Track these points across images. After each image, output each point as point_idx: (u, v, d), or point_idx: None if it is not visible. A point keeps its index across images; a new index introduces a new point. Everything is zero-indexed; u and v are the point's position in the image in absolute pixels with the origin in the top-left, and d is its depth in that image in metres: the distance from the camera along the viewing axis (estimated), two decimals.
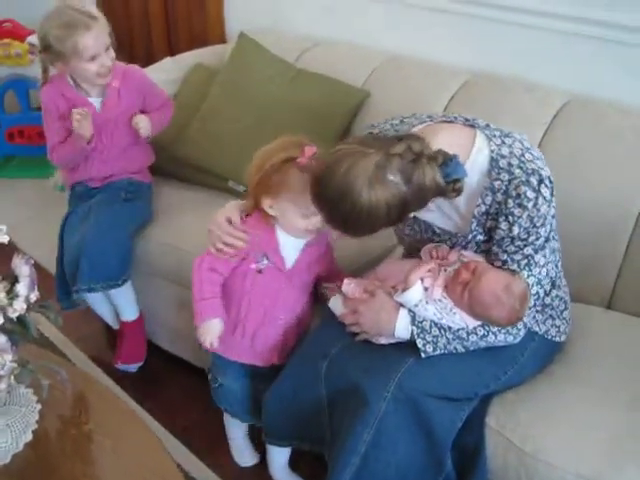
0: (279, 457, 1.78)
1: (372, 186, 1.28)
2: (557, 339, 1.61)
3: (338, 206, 1.32)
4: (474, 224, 1.46)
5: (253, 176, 1.55)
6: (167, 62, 2.59)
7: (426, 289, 1.48)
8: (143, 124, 2.09)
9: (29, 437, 1.47)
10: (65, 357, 2.32)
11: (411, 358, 1.48)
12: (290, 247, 1.63)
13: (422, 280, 1.49)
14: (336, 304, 1.62)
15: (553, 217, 1.44)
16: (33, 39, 3.21)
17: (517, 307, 1.41)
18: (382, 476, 1.45)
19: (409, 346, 1.49)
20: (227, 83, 2.33)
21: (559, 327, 1.61)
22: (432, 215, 1.53)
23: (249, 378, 1.74)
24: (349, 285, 1.61)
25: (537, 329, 1.58)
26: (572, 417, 1.46)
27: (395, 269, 1.61)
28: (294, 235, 1.61)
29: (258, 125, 2.20)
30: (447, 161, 1.33)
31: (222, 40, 2.97)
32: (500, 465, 1.46)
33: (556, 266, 1.59)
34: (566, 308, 1.64)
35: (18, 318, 1.38)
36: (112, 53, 2.04)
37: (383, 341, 1.54)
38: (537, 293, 1.48)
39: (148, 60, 2.90)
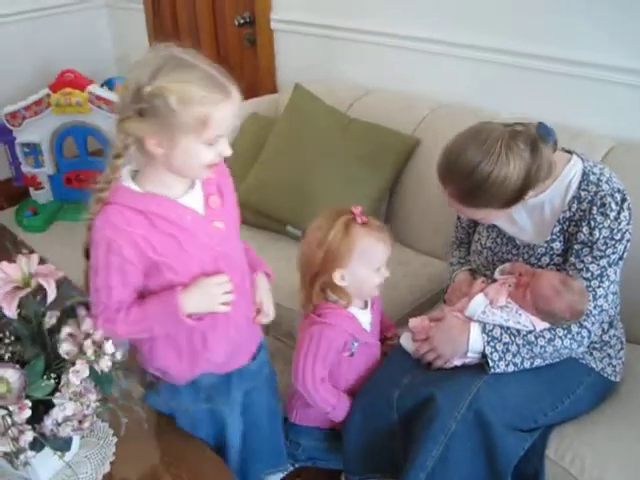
0: None
1: (509, 152, 1.44)
2: (612, 378, 1.67)
3: (475, 170, 1.45)
4: (556, 228, 1.60)
5: (314, 257, 1.56)
6: None
7: (491, 302, 1.60)
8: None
9: (107, 468, 1.56)
10: None
11: (481, 381, 1.55)
12: (365, 319, 1.68)
13: (485, 294, 1.62)
14: (407, 340, 1.70)
15: (628, 241, 1.56)
16: (94, 88, 3.40)
17: (577, 299, 1.52)
18: None
19: (479, 369, 1.58)
20: (284, 132, 2.45)
21: (615, 367, 1.67)
22: (512, 227, 1.68)
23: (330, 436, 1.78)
24: (414, 320, 1.71)
25: (594, 365, 1.65)
26: (628, 454, 1.51)
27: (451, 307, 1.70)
28: (366, 296, 1.67)
29: (313, 172, 2.31)
30: (544, 130, 1.51)
31: (273, 90, 3.11)
32: None
33: (616, 306, 1.69)
34: (622, 348, 1.71)
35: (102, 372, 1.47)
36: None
37: (457, 362, 1.62)
38: (602, 306, 1.57)
39: None
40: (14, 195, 3.79)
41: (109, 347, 1.42)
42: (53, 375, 1.39)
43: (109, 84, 3.67)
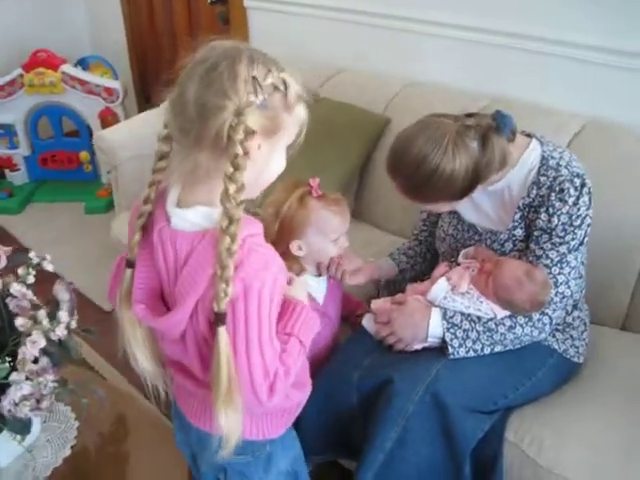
0: None
1: (456, 148, 1.43)
2: (575, 359, 1.66)
3: (422, 165, 1.44)
4: (517, 215, 1.58)
5: (270, 228, 1.57)
6: None
7: (453, 287, 1.59)
8: None
9: (67, 452, 1.56)
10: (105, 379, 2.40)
11: (440, 364, 1.55)
12: (318, 289, 1.69)
13: (448, 279, 1.61)
14: (369, 321, 1.70)
15: (589, 226, 1.54)
16: (67, 68, 3.36)
17: (538, 291, 1.51)
18: (404, 475, 1.51)
19: (439, 352, 1.58)
20: None
21: (578, 348, 1.67)
22: (473, 215, 1.67)
23: None
24: (377, 302, 1.70)
25: (557, 347, 1.65)
26: (587, 435, 1.51)
27: (418, 285, 1.70)
28: (318, 271, 1.69)
29: None
30: (500, 119, 1.49)
31: None
32: (516, 478, 1.52)
33: (581, 290, 1.69)
34: (585, 330, 1.71)
35: (59, 341, 1.47)
36: None
37: (417, 346, 1.61)
38: (563, 293, 1.56)
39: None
40: None
41: (63, 315, 1.42)
42: (8, 358, 1.39)
43: (83, 64, 3.63)
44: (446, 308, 1.59)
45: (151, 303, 1.12)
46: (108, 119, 3.40)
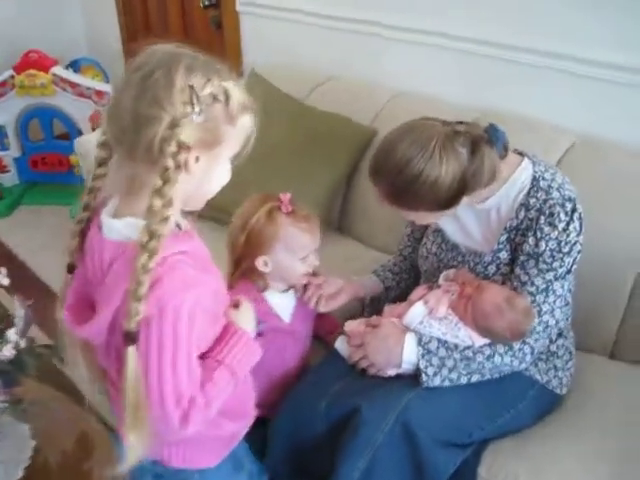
0: None
1: (444, 152, 1.34)
2: (558, 391, 1.58)
3: (406, 168, 1.35)
4: (503, 237, 1.50)
5: (237, 240, 1.54)
6: None
7: (430, 311, 1.51)
8: None
9: (19, 474, 1.49)
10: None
11: (413, 393, 1.47)
12: (283, 305, 1.63)
13: (425, 302, 1.53)
14: (342, 344, 1.62)
15: (579, 253, 1.46)
16: (58, 70, 3.31)
17: (520, 320, 1.43)
18: None
19: (413, 380, 1.50)
20: None
21: (561, 379, 1.59)
22: (458, 234, 1.59)
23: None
24: (351, 323, 1.62)
25: (539, 377, 1.56)
26: (566, 474, 1.42)
27: (396, 307, 1.62)
28: (285, 287, 1.62)
29: (264, 164, 2.20)
30: (493, 133, 1.41)
31: (239, 75, 3.00)
32: None
33: (567, 317, 1.61)
34: (571, 359, 1.63)
35: (14, 358, 1.41)
36: None
37: (390, 372, 1.53)
38: (547, 322, 1.48)
39: None
40: None
41: (12, 335, 1.36)
42: None
43: (74, 66, 3.58)
44: (422, 333, 1.51)
45: (79, 309, 1.08)
46: (99, 122, 3.34)
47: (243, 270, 1.58)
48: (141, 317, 0.93)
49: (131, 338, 0.95)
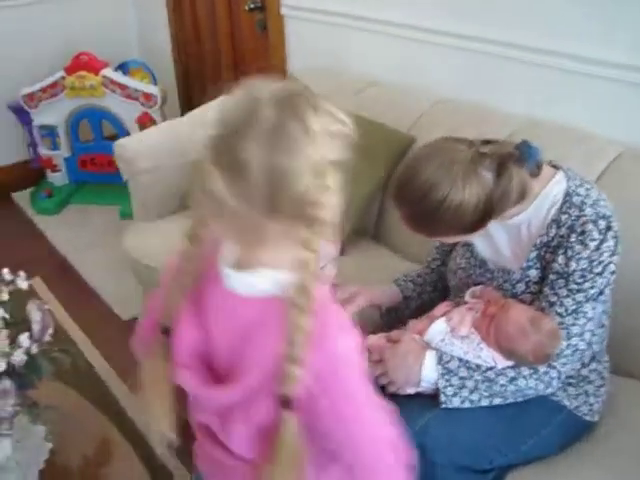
0: None
1: (467, 178, 1.30)
2: (588, 418, 1.49)
3: (428, 195, 1.31)
4: (533, 254, 1.44)
5: None
6: (222, 100, 2.61)
7: (452, 329, 1.46)
8: None
9: (35, 476, 1.50)
10: (107, 389, 2.35)
11: (431, 414, 1.41)
12: None
13: (448, 319, 1.48)
14: None
15: (612, 274, 1.37)
16: (108, 72, 3.36)
17: (544, 342, 1.35)
18: None
19: (433, 400, 1.44)
20: None
21: (592, 405, 1.50)
22: (488, 250, 1.53)
23: None
24: (372, 338, 1.58)
25: (567, 403, 1.48)
26: None
27: (419, 322, 1.57)
28: None
29: None
30: (524, 150, 1.36)
31: (284, 77, 2.99)
32: None
33: (602, 341, 1.52)
34: (603, 385, 1.53)
35: (29, 361, 1.42)
36: None
37: (410, 390, 1.48)
38: (576, 345, 1.40)
39: (218, 95, 2.93)
40: (33, 176, 3.80)
41: (24, 340, 1.36)
42: None
43: (123, 68, 3.63)
44: (443, 352, 1.45)
45: (197, 368, 0.98)
46: (146, 124, 3.38)
47: None
48: (300, 378, 0.85)
49: (288, 403, 0.87)
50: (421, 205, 1.33)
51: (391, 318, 1.75)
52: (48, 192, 3.65)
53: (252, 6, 2.98)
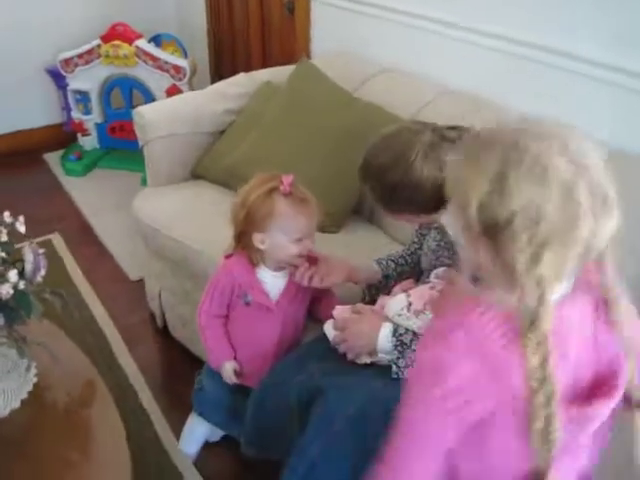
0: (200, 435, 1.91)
1: (425, 159, 1.40)
2: None
3: (389, 172, 1.42)
4: None
5: (238, 215, 1.61)
6: (241, 77, 2.71)
7: (410, 304, 1.53)
8: None
9: (17, 404, 1.61)
10: (104, 339, 2.47)
11: (380, 383, 1.49)
12: (272, 282, 1.68)
13: (408, 295, 1.55)
14: (329, 327, 1.66)
15: None
16: (141, 43, 3.48)
17: None
18: None
19: (386, 370, 1.51)
20: (284, 105, 2.42)
21: None
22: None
23: (233, 391, 1.79)
24: (339, 308, 1.66)
25: None
26: None
27: (386, 297, 1.65)
28: (278, 265, 1.67)
29: (306, 148, 2.26)
30: None
31: (308, 58, 3.07)
32: None
33: None
34: None
35: (20, 298, 1.53)
36: None
37: (366, 359, 1.57)
38: None
39: (247, 71, 2.96)
40: (65, 139, 3.95)
41: (12, 275, 1.46)
42: None
43: (156, 40, 3.74)
44: (399, 325, 1.52)
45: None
46: (174, 95, 3.48)
47: (243, 244, 1.66)
48: None
49: None
50: (382, 183, 1.43)
51: (372, 296, 1.83)
52: (78, 155, 3.79)
53: None
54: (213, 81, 3.96)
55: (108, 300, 2.65)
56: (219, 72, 3.92)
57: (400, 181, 1.39)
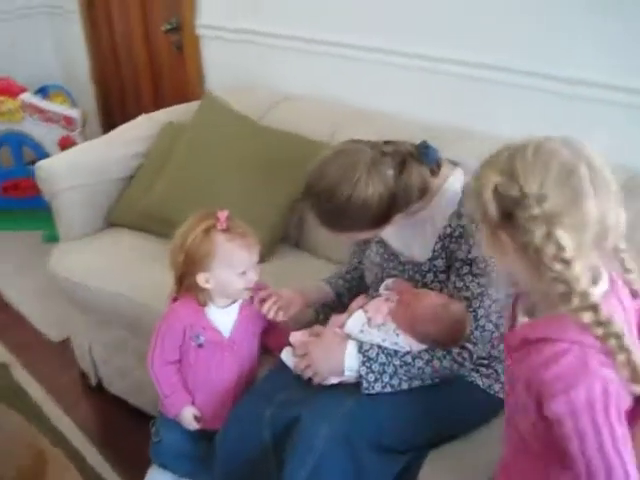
0: None
1: (369, 176, 1.40)
2: (501, 395, 1.59)
3: (334, 194, 1.41)
4: (438, 245, 1.54)
5: (177, 259, 1.59)
6: (141, 119, 2.65)
7: (369, 320, 1.55)
8: None
9: None
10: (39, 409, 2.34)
11: (353, 400, 1.49)
12: (223, 319, 1.66)
13: (365, 311, 1.57)
14: (287, 355, 1.65)
15: None
16: (27, 96, 3.35)
17: (456, 326, 1.47)
18: None
19: (355, 387, 1.51)
20: (192, 141, 2.39)
21: (503, 383, 1.60)
22: (399, 243, 1.62)
23: (196, 438, 1.73)
24: (296, 334, 1.66)
25: (480, 382, 1.58)
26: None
27: (340, 317, 1.65)
28: (226, 301, 1.66)
29: (223, 181, 2.25)
30: (423, 150, 1.47)
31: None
32: None
33: None
34: None
35: None
36: None
37: (333, 380, 1.56)
38: (484, 326, 1.50)
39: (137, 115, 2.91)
40: None
41: None
42: None
43: (43, 92, 3.62)
44: (363, 341, 1.53)
45: None
46: (68, 147, 3.35)
47: (186, 286, 1.62)
48: None
49: None
50: (328, 204, 1.43)
51: (326, 315, 1.82)
52: None
53: (169, 27, 3.04)
54: (104, 129, 3.86)
55: (35, 366, 2.52)
56: (109, 119, 3.82)
57: (347, 201, 1.40)
